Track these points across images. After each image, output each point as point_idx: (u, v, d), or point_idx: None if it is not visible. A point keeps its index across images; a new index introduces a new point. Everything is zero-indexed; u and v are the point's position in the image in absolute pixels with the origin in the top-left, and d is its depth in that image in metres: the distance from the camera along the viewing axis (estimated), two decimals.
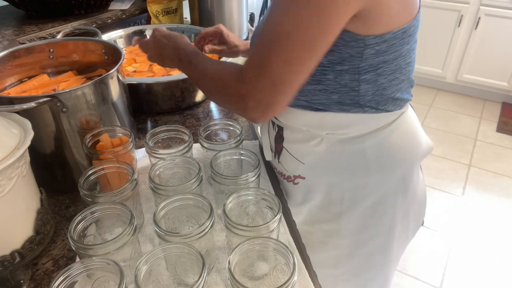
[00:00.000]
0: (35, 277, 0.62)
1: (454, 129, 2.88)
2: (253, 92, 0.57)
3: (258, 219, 0.64)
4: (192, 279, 0.54)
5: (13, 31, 1.17)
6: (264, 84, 0.56)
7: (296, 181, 0.78)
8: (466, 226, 2.06)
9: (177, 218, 0.61)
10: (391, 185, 0.74)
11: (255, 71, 0.56)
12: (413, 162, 0.75)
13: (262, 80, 0.56)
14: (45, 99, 0.64)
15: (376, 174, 0.72)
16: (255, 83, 0.56)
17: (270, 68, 0.55)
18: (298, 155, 0.74)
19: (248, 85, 0.57)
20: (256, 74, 0.56)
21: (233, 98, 0.61)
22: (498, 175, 2.42)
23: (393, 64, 0.63)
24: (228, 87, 0.61)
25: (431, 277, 1.80)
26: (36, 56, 0.85)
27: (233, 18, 1.48)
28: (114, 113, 0.79)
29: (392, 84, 0.66)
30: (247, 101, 0.58)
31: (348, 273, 0.86)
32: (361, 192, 0.74)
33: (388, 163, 0.71)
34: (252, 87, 0.57)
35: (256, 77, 0.56)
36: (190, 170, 0.69)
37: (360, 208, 0.75)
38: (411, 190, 0.78)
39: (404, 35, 0.61)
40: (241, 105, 0.59)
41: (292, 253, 0.50)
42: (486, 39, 2.91)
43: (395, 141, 0.71)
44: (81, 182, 0.62)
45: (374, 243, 0.81)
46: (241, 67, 0.60)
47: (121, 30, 1.25)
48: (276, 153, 0.78)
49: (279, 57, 0.54)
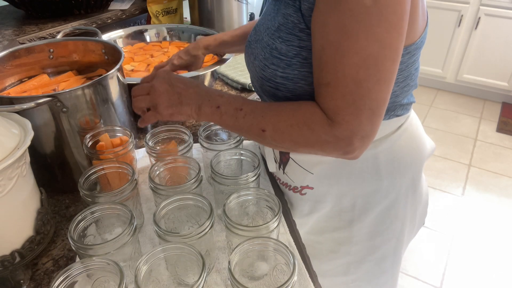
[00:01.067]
0: (35, 277, 0.62)
1: (454, 129, 2.88)
2: (357, 130, 0.52)
3: (258, 219, 0.64)
4: (192, 279, 0.54)
5: (13, 31, 1.17)
6: (365, 116, 0.51)
7: (303, 191, 0.75)
8: (466, 226, 2.06)
9: (177, 218, 0.61)
10: (402, 188, 0.73)
11: (351, 108, 0.51)
12: (421, 163, 0.75)
13: (362, 114, 0.51)
14: (45, 99, 0.64)
15: (388, 178, 0.71)
16: (357, 120, 0.51)
17: (368, 96, 0.51)
18: (306, 165, 0.71)
19: (349, 125, 0.52)
20: (354, 110, 0.51)
21: (331, 145, 0.54)
22: (498, 175, 2.42)
23: (405, 71, 0.63)
24: (319, 134, 0.54)
25: (431, 277, 1.80)
26: (36, 56, 0.85)
27: (233, 18, 1.48)
28: (114, 113, 0.79)
29: (403, 91, 0.66)
30: (353, 142, 0.53)
31: (359, 280, 0.84)
32: (374, 197, 0.72)
33: (399, 166, 0.71)
34: (356, 125, 0.52)
35: (355, 114, 0.51)
36: (190, 170, 0.69)
37: (372, 213, 0.74)
38: (419, 191, 0.78)
39: (421, 44, 0.62)
40: (346, 148, 0.54)
41: (292, 253, 0.50)
42: (486, 39, 2.91)
43: (404, 144, 0.70)
44: (81, 182, 0.62)
45: (386, 247, 0.79)
46: (321, 108, 0.54)
47: (121, 30, 1.25)
48: (281, 164, 0.76)
49: (373, 81, 0.50)
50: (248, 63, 0.71)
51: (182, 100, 0.62)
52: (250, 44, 0.70)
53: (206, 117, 0.61)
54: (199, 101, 0.61)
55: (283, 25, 0.59)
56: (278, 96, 0.64)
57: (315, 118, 0.54)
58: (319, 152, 0.58)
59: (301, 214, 0.78)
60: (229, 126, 0.61)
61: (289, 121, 0.56)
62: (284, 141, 0.57)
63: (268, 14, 0.66)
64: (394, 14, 0.49)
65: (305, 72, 0.59)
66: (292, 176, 0.75)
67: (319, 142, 0.55)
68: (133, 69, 1.09)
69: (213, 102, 0.61)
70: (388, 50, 0.50)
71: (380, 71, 0.50)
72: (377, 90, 0.51)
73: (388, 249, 0.80)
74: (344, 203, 0.73)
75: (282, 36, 0.59)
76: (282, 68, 0.60)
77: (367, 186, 0.71)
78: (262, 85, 0.65)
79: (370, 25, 0.48)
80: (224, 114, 0.60)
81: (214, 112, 0.60)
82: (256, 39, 0.67)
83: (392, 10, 0.49)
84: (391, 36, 0.50)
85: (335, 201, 0.74)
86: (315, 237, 0.80)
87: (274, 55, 0.60)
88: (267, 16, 0.66)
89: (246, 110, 0.59)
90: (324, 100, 0.54)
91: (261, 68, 0.64)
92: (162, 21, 1.45)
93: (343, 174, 0.70)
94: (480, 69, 3.05)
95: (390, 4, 0.48)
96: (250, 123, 0.58)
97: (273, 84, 0.62)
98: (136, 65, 1.11)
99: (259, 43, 0.66)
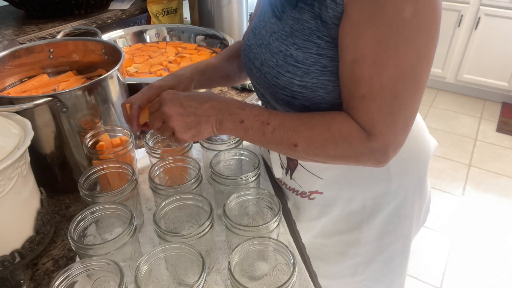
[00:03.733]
0: (35, 277, 0.62)
1: (454, 129, 2.88)
2: (393, 141, 0.53)
3: (258, 219, 0.64)
4: (192, 279, 0.54)
5: (13, 31, 1.17)
6: (400, 127, 0.53)
7: (312, 196, 0.74)
8: (466, 226, 2.06)
9: (177, 218, 0.61)
10: (410, 187, 0.73)
11: (388, 120, 0.52)
12: (427, 162, 0.75)
13: (398, 125, 0.52)
14: (45, 99, 0.64)
15: (397, 179, 0.70)
16: (393, 132, 0.53)
17: (404, 107, 0.51)
18: (316, 170, 0.70)
19: (386, 137, 0.53)
20: (390, 121, 0.52)
21: (367, 156, 0.55)
22: (498, 175, 2.42)
23: None
24: (356, 147, 0.54)
25: (431, 277, 1.80)
26: (36, 56, 0.85)
27: (233, 18, 1.48)
28: (114, 113, 0.79)
29: None
30: (388, 152, 0.54)
31: (367, 280, 0.83)
32: (383, 199, 0.72)
33: (407, 167, 0.71)
34: (392, 136, 0.53)
35: (392, 125, 0.52)
36: (190, 170, 0.69)
37: (382, 214, 0.73)
38: (424, 189, 0.78)
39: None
40: (381, 158, 0.55)
41: (292, 253, 0.50)
42: (486, 39, 2.91)
43: (411, 144, 0.70)
44: (81, 182, 0.62)
45: (394, 246, 0.79)
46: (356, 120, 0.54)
47: (121, 30, 1.25)
48: (289, 170, 0.74)
49: (409, 93, 0.51)
50: (251, 68, 0.68)
51: (200, 120, 0.57)
52: (250, 48, 0.68)
53: (229, 131, 0.58)
54: (219, 116, 0.57)
55: (297, 31, 0.57)
56: (294, 105, 0.61)
57: (352, 131, 0.53)
58: (353, 163, 0.57)
59: (309, 218, 0.77)
60: (256, 141, 0.58)
61: (324, 135, 0.54)
62: (318, 155, 0.56)
63: (269, 16, 0.64)
64: (431, 26, 0.49)
65: (324, 80, 0.57)
66: (300, 181, 0.74)
67: (355, 154, 0.55)
68: (137, 71, 1.09)
69: (235, 116, 0.57)
70: (425, 61, 0.50)
71: (417, 82, 0.51)
72: (412, 101, 0.52)
73: (396, 248, 0.79)
74: (353, 206, 0.73)
75: (298, 42, 0.57)
76: (299, 77, 0.57)
77: (377, 188, 0.71)
78: (275, 93, 0.63)
79: (410, 39, 0.48)
80: (249, 129, 0.57)
81: (238, 127, 0.57)
82: (259, 43, 0.65)
83: (430, 22, 0.49)
84: (429, 47, 0.50)
85: (344, 204, 0.73)
86: (323, 240, 0.80)
87: (289, 62, 0.58)
88: (268, 19, 0.64)
89: (274, 124, 0.56)
90: (359, 113, 0.53)
91: (273, 76, 0.61)
92: (162, 21, 1.45)
93: (354, 178, 0.70)
94: (480, 69, 3.05)
95: (428, 17, 0.48)
96: (280, 138, 0.56)
97: (289, 93, 0.60)
98: (139, 67, 1.11)
99: (265, 47, 0.63)
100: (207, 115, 0.57)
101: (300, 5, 0.56)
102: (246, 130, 0.57)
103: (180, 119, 0.57)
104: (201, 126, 0.57)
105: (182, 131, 0.57)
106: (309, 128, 0.55)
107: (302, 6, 0.56)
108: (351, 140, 0.53)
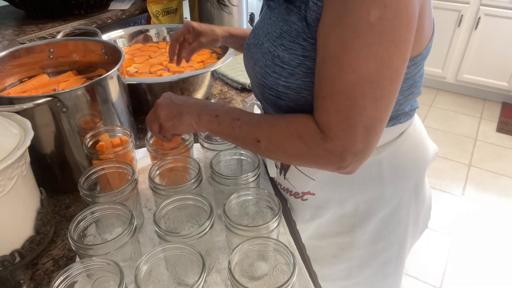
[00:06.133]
0: (35, 277, 0.62)
1: (454, 129, 2.88)
2: (350, 146, 0.51)
3: (258, 219, 0.64)
4: (192, 279, 0.54)
5: (13, 31, 1.17)
6: (359, 133, 0.50)
7: (304, 197, 0.75)
8: (466, 226, 2.06)
9: (177, 218, 0.61)
10: (405, 193, 0.72)
11: (344, 124, 0.50)
12: (424, 168, 0.74)
13: (355, 130, 0.50)
14: (45, 99, 0.64)
15: (391, 184, 0.70)
16: (350, 137, 0.51)
17: (363, 114, 0.50)
18: (307, 171, 0.70)
19: (341, 141, 0.51)
20: (347, 126, 0.50)
21: (324, 159, 0.54)
22: (498, 175, 2.42)
23: (410, 80, 0.62)
24: (312, 147, 0.53)
25: (431, 277, 1.80)
26: (36, 56, 0.85)
27: (233, 18, 1.48)
28: (114, 113, 0.79)
29: (408, 99, 0.65)
30: (346, 157, 0.52)
31: (361, 284, 0.84)
32: (376, 203, 0.71)
33: (403, 172, 0.70)
34: (348, 141, 0.51)
35: (348, 130, 0.50)
36: (190, 170, 0.69)
37: (375, 219, 0.73)
38: (422, 195, 0.77)
39: (427, 53, 0.60)
40: (339, 164, 0.53)
41: (292, 253, 0.50)
42: (486, 39, 2.92)
43: (407, 149, 0.70)
44: (81, 182, 0.62)
45: (389, 252, 0.78)
46: (316, 122, 0.53)
47: (121, 30, 1.25)
48: (282, 170, 0.75)
49: (369, 99, 0.49)
50: (248, 67, 0.70)
51: (182, 110, 0.63)
52: (249, 47, 0.69)
53: (205, 125, 0.62)
54: (198, 110, 0.63)
55: (286, 33, 0.58)
56: (280, 105, 0.62)
57: (308, 130, 0.54)
58: (313, 165, 0.57)
59: (302, 220, 0.77)
60: (226, 135, 0.61)
61: (283, 132, 0.55)
62: (278, 153, 0.57)
63: (267, 17, 0.64)
64: (398, 34, 0.47)
65: (308, 82, 0.57)
66: (293, 181, 0.74)
67: (312, 155, 0.54)
68: (137, 71, 1.09)
69: (212, 111, 0.62)
70: (387, 69, 0.49)
71: (377, 90, 0.49)
72: (373, 109, 0.50)
73: (391, 253, 0.79)
74: (346, 209, 0.73)
75: (285, 44, 0.58)
76: (284, 77, 0.58)
77: (370, 192, 0.70)
78: (263, 93, 0.64)
79: (371, 43, 0.47)
80: (222, 123, 0.60)
81: (213, 120, 0.61)
82: (255, 43, 0.66)
83: (395, 29, 0.47)
84: (392, 55, 0.48)
85: (337, 206, 0.73)
86: (317, 242, 0.80)
87: (276, 63, 0.59)
88: (267, 20, 0.64)
89: (243, 121, 0.59)
90: (319, 113, 0.53)
91: (262, 75, 0.62)
92: (162, 21, 1.45)
93: (345, 180, 0.69)
94: (480, 69, 3.05)
95: (395, 23, 0.47)
96: (246, 133, 0.59)
97: (275, 93, 0.61)
98: (139, 67, 1.10)
99: (258, 47, 0.64)
100: (190, 108, 0.64)
101: (290, 7, 0.57)
102: (219, 123, 0.61)
103: (167, 108, 0.65)
104: (182, 117, 0.63)
105: (166, 119, 0.64)
106: (271, 125, 0.57)
107: (291, 8, 0.57)
108: (306, 139, 0.54)
